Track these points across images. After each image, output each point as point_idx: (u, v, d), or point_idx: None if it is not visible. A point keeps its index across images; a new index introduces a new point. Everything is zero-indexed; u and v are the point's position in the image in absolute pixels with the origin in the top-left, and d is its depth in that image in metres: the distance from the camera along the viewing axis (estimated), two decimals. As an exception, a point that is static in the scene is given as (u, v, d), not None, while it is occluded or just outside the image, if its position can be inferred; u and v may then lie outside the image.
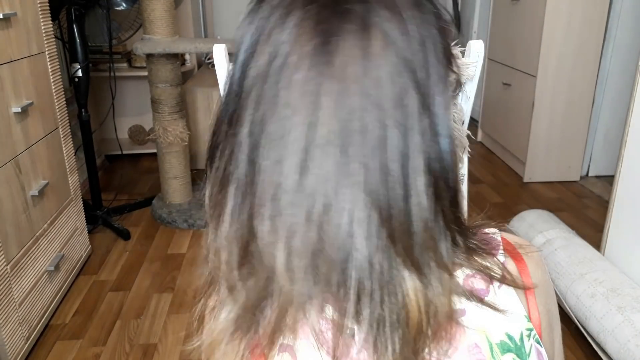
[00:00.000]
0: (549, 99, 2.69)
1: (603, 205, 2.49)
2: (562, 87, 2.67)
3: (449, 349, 0.44)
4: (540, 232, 1.83)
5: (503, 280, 0.47)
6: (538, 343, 0.47)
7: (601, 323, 1.45)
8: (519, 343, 0.46)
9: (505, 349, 0.45)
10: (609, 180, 2.73)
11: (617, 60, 2.68)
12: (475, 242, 0.48)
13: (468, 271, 0.46)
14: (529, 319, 0.47)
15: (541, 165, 2.80)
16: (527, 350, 0.46)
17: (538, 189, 2.75)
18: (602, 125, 2.79)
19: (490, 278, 0.47)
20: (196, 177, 2.68)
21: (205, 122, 2.97)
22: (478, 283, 0.46)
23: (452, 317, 0.44)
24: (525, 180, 2.82)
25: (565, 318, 1.66)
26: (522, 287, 0.48)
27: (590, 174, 2.88)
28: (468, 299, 0.45)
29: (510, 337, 0.45)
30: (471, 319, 0.45)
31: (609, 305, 1.45)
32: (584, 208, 2.52)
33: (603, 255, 1.72)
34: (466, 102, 0.96)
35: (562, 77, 2.65)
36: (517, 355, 0.45)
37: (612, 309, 1.44)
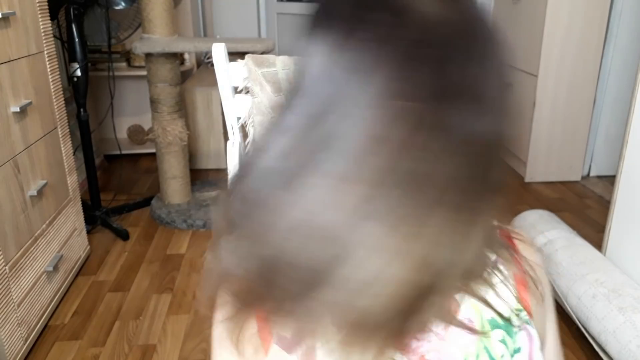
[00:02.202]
0: (550, 99, 2.68)
1: (604, 205, 2.48)
2: (563, 87, 2.66)
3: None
4: (541, 232, 1.83)
5: (495, 262, 0.49)
6: (527, 323, 0.48)
7: (602, 324, 1.44)
8: (507, 321, 0.48)
9: (494, 325, 0.47)
10: (610, 180, 2.72)
11: (618, 59, 2.67)
12: None
13: None
14: (519, 299, 0.49)
15: (542, 165, 2.79)
16: (515, 329, 0.48)
17: (539, 189, 2.74)
18: (604, 124, 2.79)
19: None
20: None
21: (204, 121, 2.96)
22: None
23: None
24: (527, 180, 2.81)
25: (566, 319, 1.65)
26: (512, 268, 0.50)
27: (591, 174, 2.87)
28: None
29: (499, 315, 0.47)
30: (465, 295, 0.47)
31: (610, 306, 1.44)
32: (585, 208, 2.51)
33: (604, 255, 1.71)
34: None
35: (563, 77, 2.65)
36: (507, 333, 0.47)
37: (614, 309, 1.43)
